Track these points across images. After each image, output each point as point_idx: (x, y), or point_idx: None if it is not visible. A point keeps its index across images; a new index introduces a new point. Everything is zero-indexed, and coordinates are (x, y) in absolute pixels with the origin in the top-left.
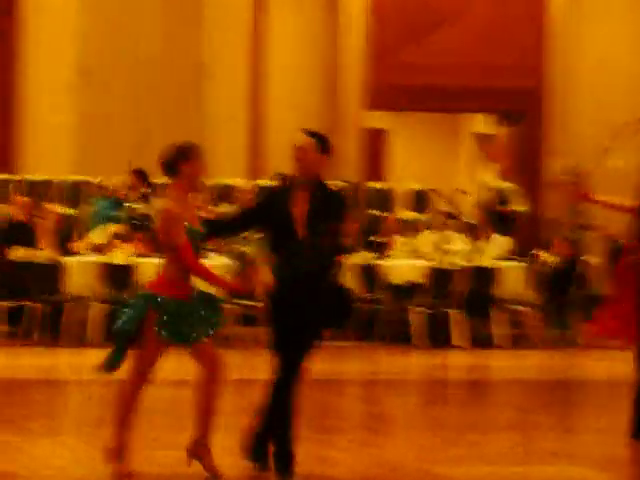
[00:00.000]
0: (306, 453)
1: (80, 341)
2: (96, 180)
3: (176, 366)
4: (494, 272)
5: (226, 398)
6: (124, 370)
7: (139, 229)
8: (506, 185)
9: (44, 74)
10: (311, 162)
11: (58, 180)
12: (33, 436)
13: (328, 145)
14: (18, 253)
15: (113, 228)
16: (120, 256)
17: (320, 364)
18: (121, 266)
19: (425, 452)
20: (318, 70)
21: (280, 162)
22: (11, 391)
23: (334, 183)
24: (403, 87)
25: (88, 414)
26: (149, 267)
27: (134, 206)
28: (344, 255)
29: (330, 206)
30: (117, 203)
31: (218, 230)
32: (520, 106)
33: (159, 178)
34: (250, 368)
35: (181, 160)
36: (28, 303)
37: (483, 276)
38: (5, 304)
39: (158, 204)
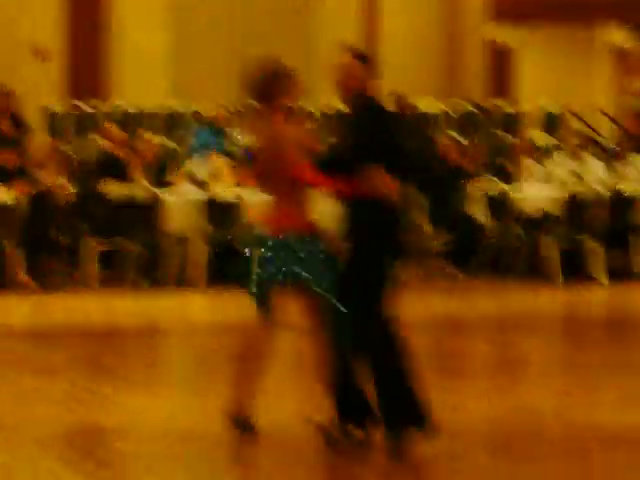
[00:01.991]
0: (433, 400)
1: (181, 285)
2: (195, 108)
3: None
4: (636, 199)
5: None
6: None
7: (243, 160)
8: None
9: None
10: (361, 85)
11: (154, 108)
12: (131, 388)
13: (373, 64)
14: (112, 189)
15: (215, 159)
16: (224, 191)
17: (445, 303)
18: (226, 202)
19: (565, 397)
20: None
21: (394, 81)
22: (107, 339)
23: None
24: None
25: (190, 364)
26: (256, 203)
27: (237, 135)
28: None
29: (376, 130)
30: (217, 131)
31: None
32: None
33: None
34: None
35: (274, 84)
36: (125, 243)
37: (623, 204)
38: (100, 245)
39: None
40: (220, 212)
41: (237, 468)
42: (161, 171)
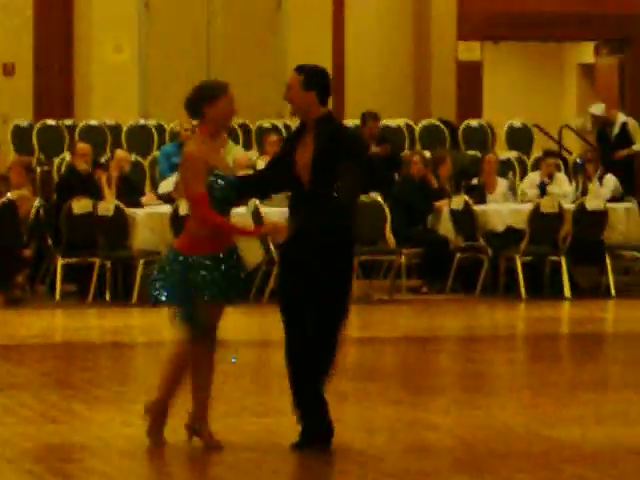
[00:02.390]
0: (401, 417)
1: (149, 300)
2: (164, 124)
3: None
4: (604, 215)
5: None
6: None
7: None
8: (630, 121)
9: (105, 11)
10: (297, 101)
11: (124, 125)
12: (102, 404)
13: (315, 80)
14: (81, 205)
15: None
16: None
17: (415, 319)
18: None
19: (534, 413)
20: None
21: (365, 100)
22: (77, 355)
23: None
24: (500, 14)
25: (158, 380)
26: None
27: None
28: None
29: (339, 148)
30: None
31: (249, 189)
32: (629, 33)
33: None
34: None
35: (205, 102)
36: (95, 260)
37: (592, 220)
38: (70, 261)
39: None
40: None
41: None
42: (130, 187)
